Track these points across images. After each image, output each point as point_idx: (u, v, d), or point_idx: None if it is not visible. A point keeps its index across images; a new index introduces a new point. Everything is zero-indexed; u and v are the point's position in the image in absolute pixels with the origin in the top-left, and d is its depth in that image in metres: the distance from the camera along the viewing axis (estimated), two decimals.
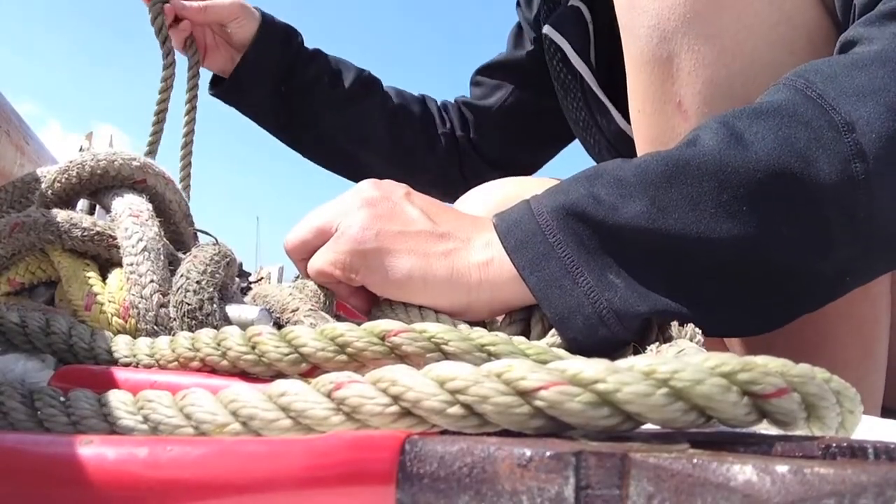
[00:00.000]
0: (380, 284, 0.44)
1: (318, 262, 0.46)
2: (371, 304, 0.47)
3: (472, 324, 0.43)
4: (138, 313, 0.42)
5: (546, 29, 0.82)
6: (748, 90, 0.51)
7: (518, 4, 0.99)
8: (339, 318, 0.46)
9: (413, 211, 0.45)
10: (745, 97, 0.52)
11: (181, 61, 0.90)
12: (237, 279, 0.55)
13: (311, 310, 0.42)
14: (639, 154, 0.63)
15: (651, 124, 0.58)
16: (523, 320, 0.44)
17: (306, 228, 0.47)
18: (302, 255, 0.48)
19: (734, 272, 0.40)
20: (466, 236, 0.44)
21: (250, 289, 0.50)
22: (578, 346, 0.40)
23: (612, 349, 0.40)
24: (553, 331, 0.42)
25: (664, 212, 0.39)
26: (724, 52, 0.51)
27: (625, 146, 0.76)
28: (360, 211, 0.45)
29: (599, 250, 0.40)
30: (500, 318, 0.45)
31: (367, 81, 0.99)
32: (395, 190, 0.47)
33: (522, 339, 0.36)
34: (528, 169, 1.04)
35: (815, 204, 0.39)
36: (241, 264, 0.58)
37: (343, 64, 0.98)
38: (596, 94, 0.77)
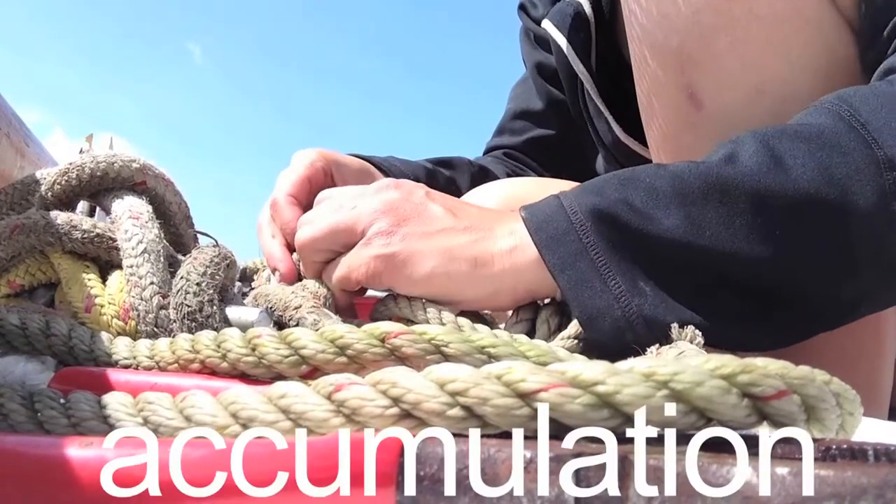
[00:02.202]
0: (405, 285, 0.43)
1: (343, 270, 0.45)
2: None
3: (477, 321, 0.43)
4: (138, 315, 0.42)
5: (545, 24, 0.78)
6: (762, 80, 0.51)
7: (521, 7, 0.94)
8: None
9: (436, 208, 0.45)
10: (758, 87, 0.52)
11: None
12: (242, 283, 0.55)
13: (313, 307, 0.42)
14: (652, 149, 0.63)
15: (664, 116, 0.57)
16: (529, 320, 0.44)
17: (326, 228, 0.46)
18: (315, 254, 0.47)
19: (755, 291, 0.40)
20: (489, 226, 0.43)
21: (254, 289, 0.50)
22: (601, 348, 0.39)
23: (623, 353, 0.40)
24: (562, 333, 0.42)
25: (698, 228, 0.39)
26: (735, 43, 0.51)
27: (623, 156, 0.75)
28: (385, 217, 0.44)
29: (630, 257, 0.40)
30: (506, 317, 0.45)
31: (477, 175, 0.87)
32: (415, 190, 0.46)
33: (524, 338, 0.36)
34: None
35: (845, 235, 0.39)
36: (246, 269, 0.58)
37: (455, 169, 0.86)
38: (595, 102, 0.76)
